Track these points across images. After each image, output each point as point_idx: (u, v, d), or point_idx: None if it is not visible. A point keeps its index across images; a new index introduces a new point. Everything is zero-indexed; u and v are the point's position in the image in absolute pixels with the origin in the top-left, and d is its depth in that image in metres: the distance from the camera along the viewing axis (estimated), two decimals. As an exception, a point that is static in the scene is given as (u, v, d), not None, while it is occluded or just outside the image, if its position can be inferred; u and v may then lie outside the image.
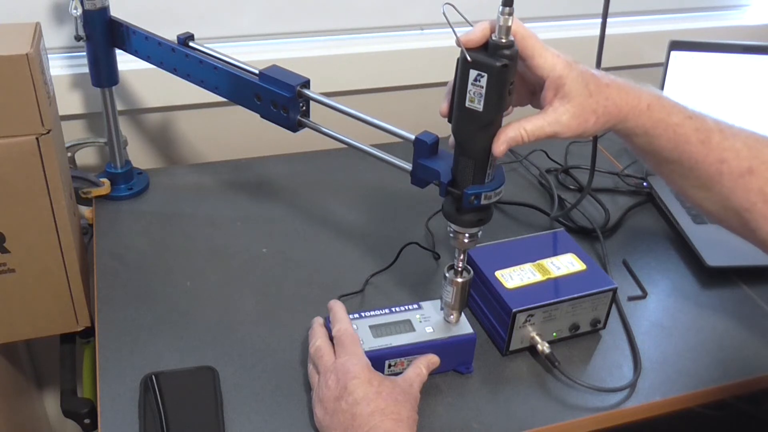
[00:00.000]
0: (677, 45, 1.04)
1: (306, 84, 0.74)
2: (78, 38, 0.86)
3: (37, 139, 0.72)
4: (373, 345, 0.71)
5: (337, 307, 0.73)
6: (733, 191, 0.65)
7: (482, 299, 0.80)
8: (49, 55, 0.80)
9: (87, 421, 0.81)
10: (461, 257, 0.69)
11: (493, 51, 0.56)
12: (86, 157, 1.08)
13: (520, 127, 0.60)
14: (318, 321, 0.74)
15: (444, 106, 0.62)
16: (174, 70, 0.84)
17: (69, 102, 0.99)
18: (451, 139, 0.62)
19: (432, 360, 0.72)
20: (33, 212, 0.76)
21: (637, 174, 1.11)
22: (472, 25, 0.57)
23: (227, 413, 0.69)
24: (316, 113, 0.75)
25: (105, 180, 0.98)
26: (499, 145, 0.60)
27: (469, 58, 0.56)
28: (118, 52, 0.90)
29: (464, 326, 0.74)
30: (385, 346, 0.71)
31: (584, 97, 0.61)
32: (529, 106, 0.68)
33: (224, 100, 0.81)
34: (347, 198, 1.02)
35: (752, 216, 0.65)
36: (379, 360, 0.70)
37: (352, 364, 0.66)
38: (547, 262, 0.80)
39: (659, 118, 0.64)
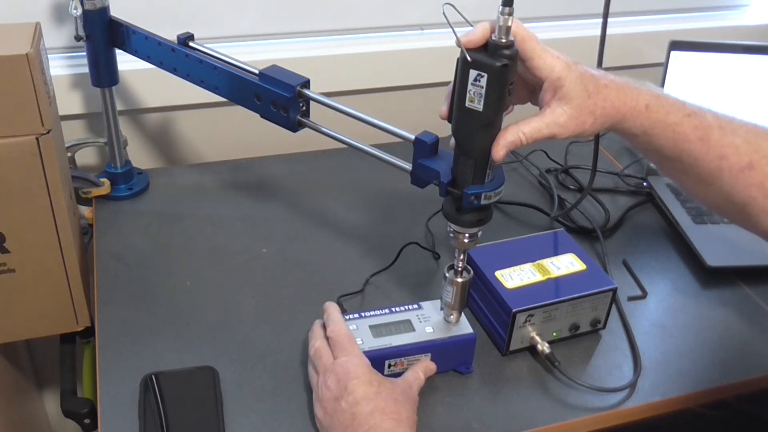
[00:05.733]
0: (677, 45, 1.04)
1: (306, 84, 0.74)
2: (78, 38, 0.86)
3: (37, 139, 0.72)
4: (373, 345, 0.71)
5: (331, 309, 0.73)
6: (733, 186, 0.65)
7: (482, 299, 0.80)
8: (49, 55, 0.80)
9: (87, 421, 0.81)
10: (461, 257, 0.69)
11: (493, 51, 0.56)
12: (86, 157, 1.08)
13: (518, 130, 0.61)
14: (318, 322, 0.73)
15: (444, 109, 0.62)
16: (174, 70, 0.84)
17: (69, 102, 0.99)
18: (452, 140, 0.62)
19: (429, 366, 0.72)
20: (33, 212, 0.76)
21: (637, 174, 1.11)
22: (472, 25, 0.57)
23: (227, 413, 0.69)
24: (316, 113, 0.75)
25: (105, 180, 0.98)
26: (499, 150, 0.60)
27: (469, 58, 0.56)
28: (118, 52, 0.90)
29: (464, 326, 0.74)
30: (385, 346, 0.71)
31: (582, 98, 0.61)
32: (529, 105, 0.68)
33: (224, 100, 0.81)
34: (347, 198, 1.02)
35: (753, 210, 0.65)
36: (379, 360, 0.70)
37: (352, 364, 0.66)
38: (547, 262, 0.80)
39: (657, 118, 0.64)
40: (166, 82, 0.89)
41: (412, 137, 0.65)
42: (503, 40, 0.56)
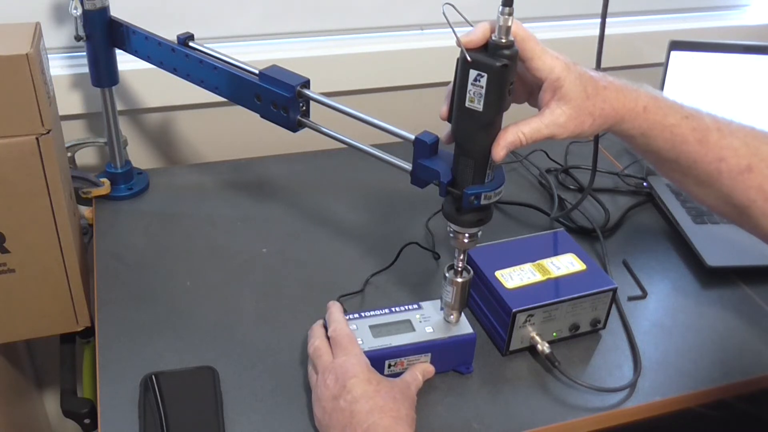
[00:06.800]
0: (677, 45, 1.04)
1: (306, 84, 0.74)
2: (78, 38, 0.86)
3: (37, 139, 0.72)
4: (373, 345, 0.71)
5: (334, 308, 0.73)
6: (732, 189, 0.65)
7: (482, 299, 0.80)
8: (49, 55, 0.80)
9: (87, 421, 0.81)
10: (461, 257, 0.69)
11: (493, 51, 0.56)
12: (86, 157, 1.08)
13: (518, 130, 0.61)
14: (318, 322, 0.74)
15: (444, 109, 0.62)
16: (174, 70, 0.84)
17: (69, 102, 0.99)
18: (445, 135, 0.62)
19: (428, 369, 0.72)
20: (33, 212, 0.76)
21: (637, 174, 1.11)
22: (472, 25, 0.57)
23: (227, 413, 0.69)
24: (316, 113, 0.75)
25: (105, 180, 0.98)
26: (499, 151, 0.60)
27: (469, 58, 0.56)
28: (118, 52, 0.90)
29: (464, 326, 0.74)
30: (385, 346, 0.71)
31: (581, 99, 0.61)
32: (529, 105, 0.68)
33: (224, 100, 0.81)
34: (347, 198, 1.02)
35: (753, 213, 0.65)
36: (379, 360, 0.70)
37: (350, 363, 0.66)
38: (547, 262, 0.80)
39: (655, 120, 0.64)
40: (166, 82, 0.89)
41: (412, 137, 0.65)
42: (503, 40, 0.56)
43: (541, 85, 0.62)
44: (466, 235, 0.66)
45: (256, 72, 0.76)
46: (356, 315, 0.74)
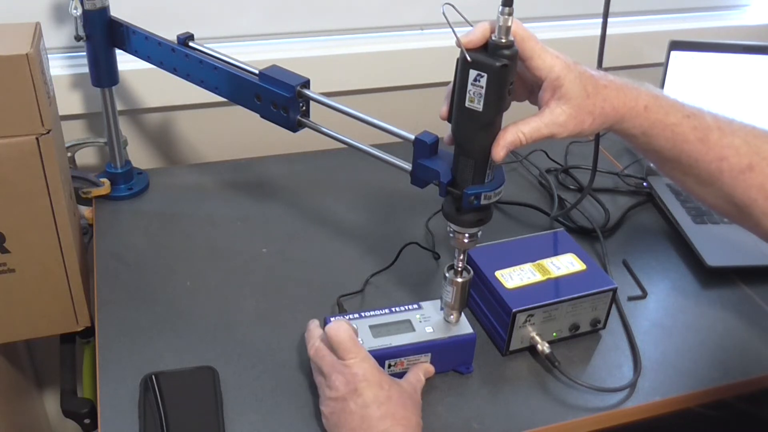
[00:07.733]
0: (677, 45, 1.05)
1: (306, 84, 0.74)
2: (78, 38, 0.87)
3: (37, 139, 0.72)
4: (373, 345, 0.71)
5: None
6: (733, 188, 0.65)
7: (482, 299, 0.80)
8: (49, 55, 0.80)
9: (87, 421, 0.81)
10: (461, 257, 0.69)
11: (493, 51, 0.56)
12: (86, 157, 1.08)
13: (517, 130, 0.61)
14: (313, 323, 0.73)
15: (444, 109, 0.62)
16: (174, 70, 0.84)
17: (69, 102, 0.99)
18: (447, 136, 0.62)
19: (428, 369, 0.72)
20: (33, 212, 0.76)
21: (637, 174, 1.11)
22: (472, 25, 0.57)
23: (227, 413, 0.69)
24: (316, 113, 0.75)
25: (105, 180, 0.98)
26: (499, 151, 0.60)
27: (468, 58, 0.56)
28: (118, 52, 0.90)
29: (464, 326, 0.74)
30: (385, 346, 0.71)
31: (581, 98, 0.61)
32: (530, 105, 0.68)
33: (224, 100, 0.81)
34: (347, 198, 1.02)
35: (753, 212, 0.65)
36: (379, 360, 0.70)
37: (360, 368, 0.65)
38: (547, 262, 0.80)
39: (656, 119, 0.64)
40: (166, 82, 0.89)
41: (412, 137, 0.65)
42: (503, 40, 0.56)
43: (541, 84, 0.62)
44: (466, 235, 0.66)
45: (256, 72, 0.76)
46: (356, 315, 0.74)
